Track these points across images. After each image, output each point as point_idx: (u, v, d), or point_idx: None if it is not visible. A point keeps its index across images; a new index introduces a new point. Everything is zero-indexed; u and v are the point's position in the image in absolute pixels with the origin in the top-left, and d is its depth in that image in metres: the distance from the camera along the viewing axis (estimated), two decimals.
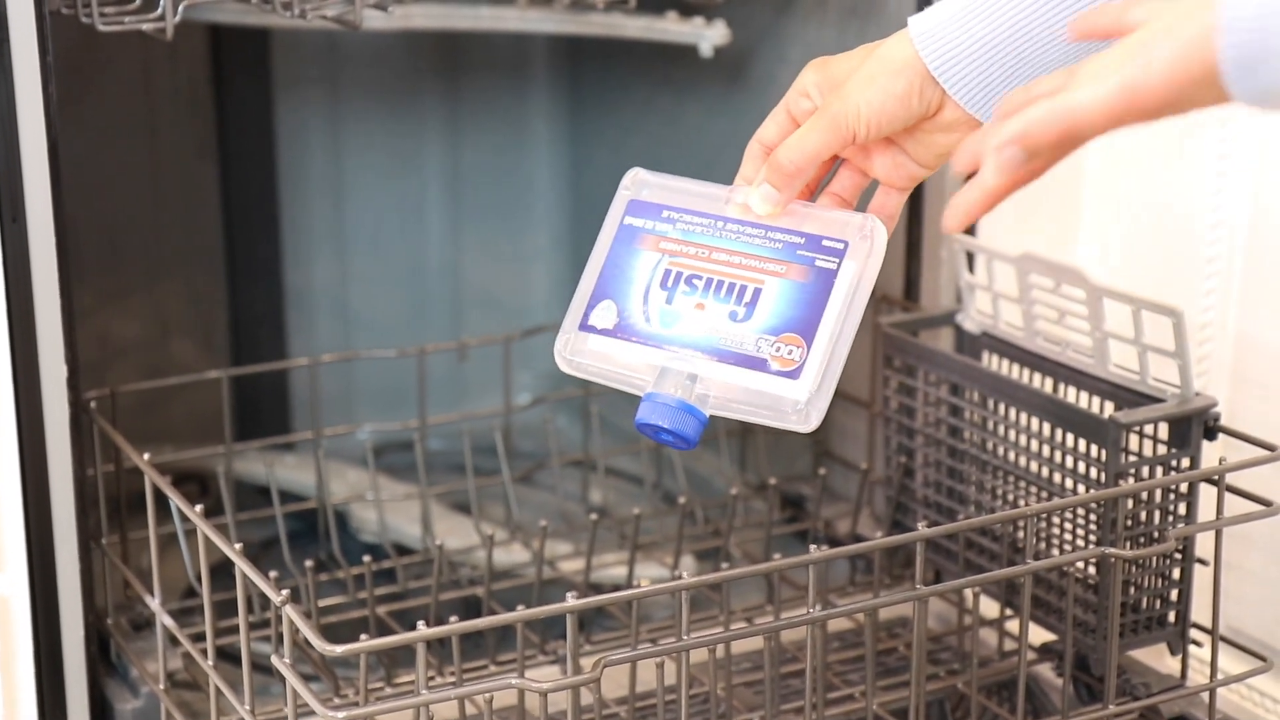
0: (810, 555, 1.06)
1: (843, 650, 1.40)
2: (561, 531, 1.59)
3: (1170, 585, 1.25)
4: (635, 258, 0.97)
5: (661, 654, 1.05)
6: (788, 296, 0.94)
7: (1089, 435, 1.24)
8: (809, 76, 0.96)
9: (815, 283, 0.94)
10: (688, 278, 0.96)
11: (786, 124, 0.97)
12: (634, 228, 0.98)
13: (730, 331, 0.94)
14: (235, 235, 1.84)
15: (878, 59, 0.93)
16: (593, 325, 0.96)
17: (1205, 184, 1.37)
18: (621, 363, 0.95)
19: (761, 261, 0.95)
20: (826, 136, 0.94)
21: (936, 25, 0.91)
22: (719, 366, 0.93)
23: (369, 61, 1.85)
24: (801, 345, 0.93)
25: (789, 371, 0.93)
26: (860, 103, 0.92)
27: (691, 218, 0.97)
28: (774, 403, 0.93)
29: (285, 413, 1.86)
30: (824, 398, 0.93)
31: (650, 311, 0.95)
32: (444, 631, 0.99)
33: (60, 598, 1.25)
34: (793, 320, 0.93)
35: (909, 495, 1.43)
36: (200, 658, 1.16)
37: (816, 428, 0.93)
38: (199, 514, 1.12)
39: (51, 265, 1.20)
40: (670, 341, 0.95)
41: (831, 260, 0.95)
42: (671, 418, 0.93)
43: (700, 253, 0.96)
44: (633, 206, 0.98)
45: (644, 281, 0.96)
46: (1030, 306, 1.32)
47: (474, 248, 1.94)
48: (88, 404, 1.30)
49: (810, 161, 0.94)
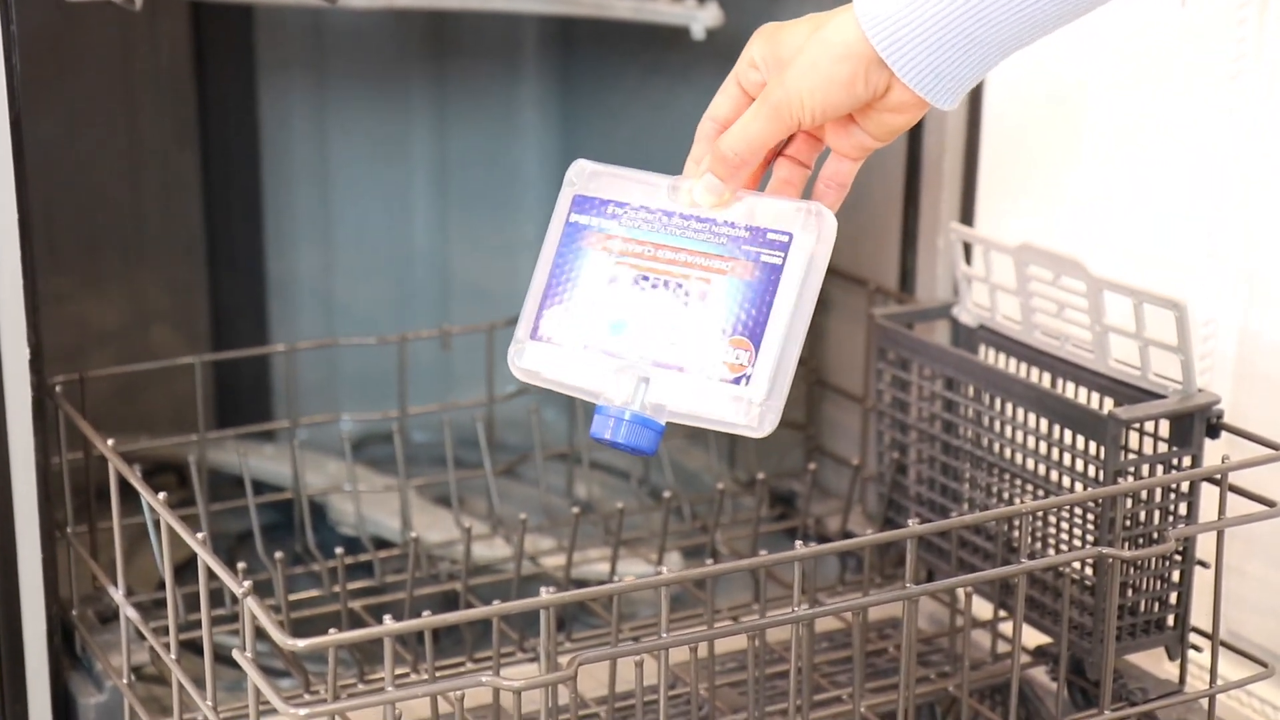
0: (797, 551, 1.03)
1: (831, 651, 1.36)
2: (544, 526, 1.56)
3: (1169, 587, 1.21)
4: (582, 258, 0.95)
5: (640, 651, 1.01)
6: (735, 296, 0.92)
7: (1087, 432, 1.21)
8: (756, 47, 0.93)
9: (761, 280, 0.92)
10: (636, 279, 0.94)
11: (738, 97, 0.94)
12: (578, 225, 0.96)
13: (680, 336, 0.92)
14: (216, 221, 1.81)
15: (821, 42, 0.90)
16: (543, 333, 0.95)
17: (1209, 173, 1.34)
18: (574, 371, 0.94)
19: (707, 259, 0.93)
20: (770, 125, 0.92)
21: (885, 6, 0.88)
22: (670, 374, 0.92)
23: (355, 44, 1.82)
24: (750, 349, 0.91)
25: (738, 378, 0.91)
26: (803, 90, 0.90)
27: (636, 212, 0.95)
28: (725, 410, 0.91)
29: (267, 402, 1.83)
30: (777, 400, 0.91)
31: (599, 316, 0.94)
32: (413, 626, 0.95)
33: (21, 589, 1.22)
34: (741, 322, 0.92)
35: (902, 492, 1.40)
36: (163, 651, 1.12)
37: (771, 433, 0.91)
38: (163, 503, 1.08)
39: (14, 243, 1.16)
40: (621, 348, 0.93)
41: (777, 255, 0.92)
42: (625, 431, 0.92)
43: (647, 250, 0.94)
44: (578, 202, 0.96)
45: (591, 284, 0.94)
46: (1028, 299, 1.29)
47: (461, 237, 1.91)
48: (52, 388, 1.26)
49: (755, 152, 0.93)
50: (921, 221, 1.47)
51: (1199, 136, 1.34)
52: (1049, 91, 1.42)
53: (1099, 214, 1.41)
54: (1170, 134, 1.36)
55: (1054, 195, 1.44)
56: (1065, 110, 1.41)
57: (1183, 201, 1.36)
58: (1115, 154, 1.40)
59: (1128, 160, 1.39)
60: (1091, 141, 1.41)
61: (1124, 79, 1.38)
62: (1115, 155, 1.40)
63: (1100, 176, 1.41)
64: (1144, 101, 1.37)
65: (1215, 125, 1.33)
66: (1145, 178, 1.38)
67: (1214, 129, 1.33)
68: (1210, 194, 1.35)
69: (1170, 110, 1.35)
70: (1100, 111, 1.40)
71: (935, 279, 1.48)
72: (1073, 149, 1.42)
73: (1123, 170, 1.40)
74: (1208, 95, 1.32)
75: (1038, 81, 1.42)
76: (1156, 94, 1.36)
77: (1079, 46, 1.39)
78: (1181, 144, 1.36)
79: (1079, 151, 1.42)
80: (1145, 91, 1.37)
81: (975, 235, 1.34)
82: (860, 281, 1.53)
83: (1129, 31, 1.36)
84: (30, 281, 1.18)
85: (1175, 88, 1.35)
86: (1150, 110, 1.36)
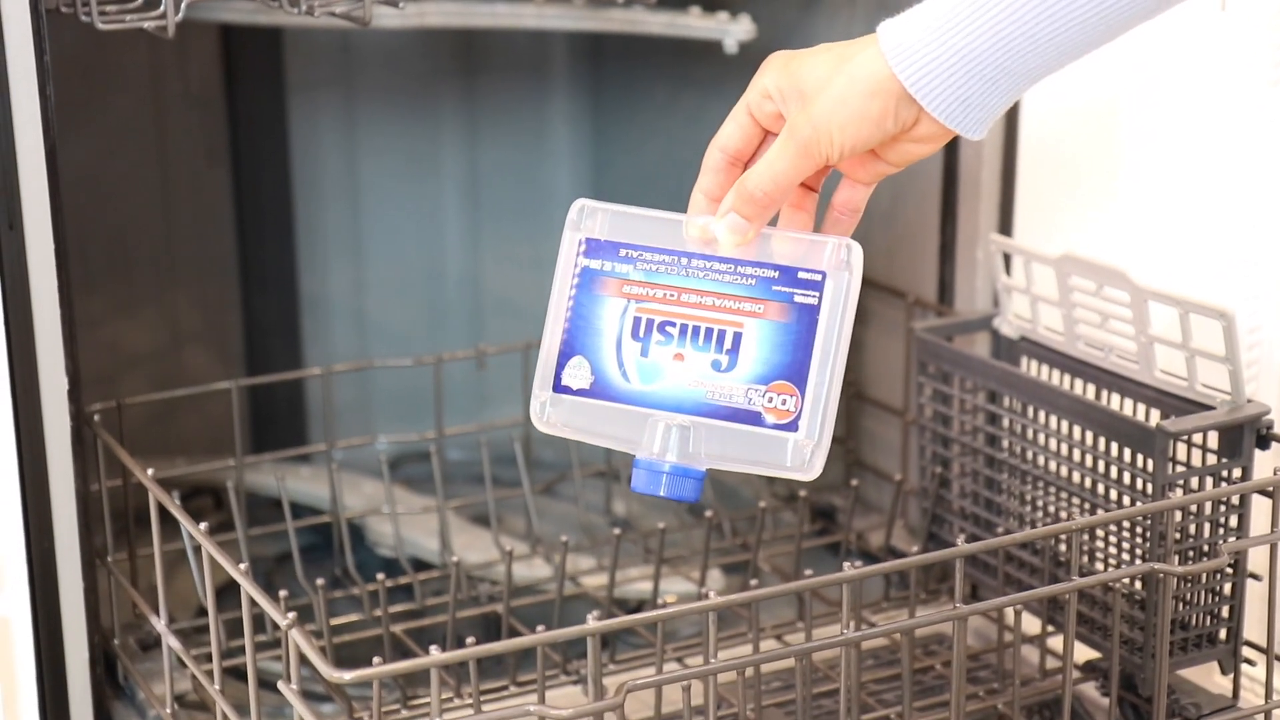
0: (844, 574, 1.01)
1: (877, 668, 1.35)
2: (584, 545, 1.55)
3: (1221, 601, 1.20)
4: (600, 305, 0.93)
5: (688, 677, 1.00)
6: (770, 339, 0.91)
7: (1134, 445, 1.19)
8: (770, 78, 0.91)
9: (797, 322, 0.91)
10: (660, 325, 0.92)
11: (749, 127, 0.92)
12: (592, 271, 0.93)
13: (716, 384, 0.91)
14: (248, 242, 1.81)
15: (849, 79, 0.88)
16: (568, 385, 0.93)
17: (1251, 179, 1.32)
18: (607, 424, 0.92)
19: (736, 301, 0.91)
20: (799, 163, 0.89)
21: (913, 40, 0.87)
22: (710, 423, 0.91)
23: (384, 63, 1.82)
24: (795, 394, 0.90)
25: (786, 424, 0.90)
26: (833, 128, 0.88)
27: (652, 255, 0.93)
28: (774, 457, 0.90)
29: (301, 423, 1.82)
30: (824, 443, 0.90)
31: (627, 367, 0.92)
32: (458, 656, 0.94)
33: (64, 618, 1.21)
34: (780, 366, 0.90)
35: (945, 506, 1.38)
36: (206, 680, 1.12)
37: (819, 474, 0.90)
38: (203, 531, 1.08)
39: (50, 272, 1.16)
40: (654, 398, 0.91)
41: (811, 295, 0.91)
42: (667, 485, 0.91)
43: (669, 295, 0.92)
44: (589, 247, 0.94)
45: (614, 333, 0.92)
46: (1071, 310, 1.27)
47: (493, 253, 1.90)
48: (91, 416, 1.26)
49: (784, 191, 0.90)
50: (960, 233, 1.45)
51: (1240, 142, 1.33)
52: (1087, 99, 1.40)
53: (1140, 223, 1.40)
54: (1211, 140, 1.35)
55: (1093, 205, 1.42)
56: (1104, 118, 1.40)
57: (1225, 208, 1.35)
58: (1156, 161, 1.38)
59: (1169, 167, 1.38)
60: (1131, 149, 1.39)
61: (1163, 85, 1.36)
62: (1156, 162, 1.38)
63: (1140, 184, 1.39)
64: (1184, 107, 1.35)
65: (1257, 130, 1.32)
66: (1187, 185, 1.37)
67: (1255, 134, 1.32)
68: (1253, 200, 1.33)
69: (1211, 116, 1.34)
70: (1140, 118, 1.38)
71: (974, 291, 1.46)
72: (1112, 157, 1.40)
73: (1164, 177, 1.39)
74: (1248, 100, 1.31)
75: (1075, 89, 1.40)
76: (1197, 99, 1.35)
77: (1117, 53, 1.37)
78: (1223, 150, 1.34)
79: (1118, 160, 1.40)
80: (1185, 97, 1.35)
81: (1016, 246, 1.33)
82: (899, 294, 1.52)
83: (1168, 37, 1.35)
84: (67, 311, 1.17)
85: (1215, 93, 1.33)
86: (1190, 116, 1.35)
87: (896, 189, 1.51)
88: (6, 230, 1.13)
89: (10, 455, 1.17)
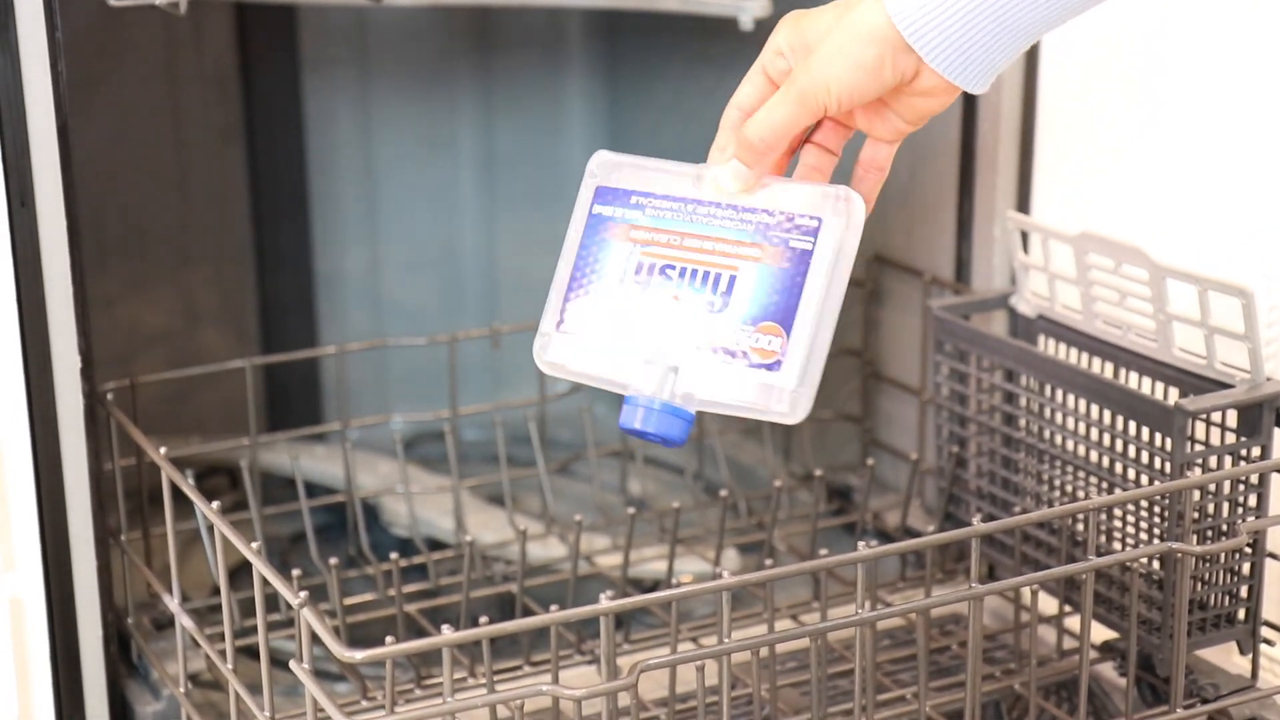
0: (860, 553, 1.01)
1: (893, 648, 1.34)
2: (599, 525, 1.54)
3: (1240, 581, 1.19)
4: (606, 250, 0.94)
5: (702, 657, 0.99)
6: (764, 282, 0.91)
7: (1153, 423, 1.18)
8: (782, 35, 0.92)
9: (792, 265, 0.91)
10: (662, 268, 0.93)
11: (764, 86, 0.93)
12: (602, 217, 0.95)
13: (708, 324, 0.91)
14: (264, 221, 1.80)
15: (847, 27, 0.88)
16: (568, 325, 0.94)
17: (1272, 156, 1.31)
18: (601, 363, 0.93)
19: (735, 245, 0.92)
20: (796, 111, 0.90)
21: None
22: (699, 362, 0.91)
23: (399, 41, 1.81)
24: (780, 335, 0.90)
25: (770, 364, 0.90)
26: (829, 76, 0.89)
27: (660, 202, 0.94)
28: (757, 397, 0.90)
29: (317, 403, 1.82)
30: (809, 387, 0.90)
31: (626, 307, 0.93)
32: (471, 635, 0.94)
33: (77, 597, 1.21)
34: (771, 308, 0.90)
35: (961, 486, 1.38)
36: (219, 660, 1.11)
37: (804, 419, 0.90)
38: (216, 511, 1.07)
39: (63, 250, 1.16)
40: (649, 338, 0.92)
41: (807, 240, 0.91)
42: (655, 421, 0.91)
43: (672, 240, 0.93)
44: (600, 193, 0.95)
45: (617, 275, 0.93)
46: (1089, 288, 1.26)
47: (509, 231, 1.89)
48: (104, 395, 1.25)
49: (780, 137, 0.91)
50: (977, 210, 1.44)
51: (1262, 118, 1.31)
52: (1105, 74, 1.39)
53: (1158, 200, 1.38)
54: (1232, 116, 1.34)
55: (1111, 182, 1.41)
56: (1122, 94, 1.39)
57: (1245, 185, 1.34)
58: (1175, 138, 1.37)
59: (1188, 144, 1.37)
60: (1150, 126, 1.38)
61: (1183, 60, 1.35)
62: (1175, 139, 1.37)
63: (1159, 162, 1.38)
64: (1204, 83, 1.34)
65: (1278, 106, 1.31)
66: (1206, 162, 1.36)
67: (1276, 110, 1.31)
68: (1273, 177, 1.32)
69: (1232, 91, 1.32)
70: (1159, 94, 1.37)
71: (991, 269, 1.45)
72: (1131, 134, 1.39)
73: (1183, 154, 1.37)
74: (1272, 75, 1.30)
75: (1093, 65, 1.39)
76: (1217, 74, 1.33)
77: (1136, 29, 1.36)
78: (1243, 126, 1.33)
79: (1137, 137, 1.39)
80: (1205, 72, 1.34)
81: (1033, 224, 1.32)
82: (915, 272, 1.51)
83: (1189, 10, 1.33)
84: (80, 289, 1.17)
85: (1237, 67, 1.32)
86: (1211, 92, 1.34)
87: (913, 166, 1.50)
88: (19, 208, 1.13)
89: (24, 434, 1.17)
